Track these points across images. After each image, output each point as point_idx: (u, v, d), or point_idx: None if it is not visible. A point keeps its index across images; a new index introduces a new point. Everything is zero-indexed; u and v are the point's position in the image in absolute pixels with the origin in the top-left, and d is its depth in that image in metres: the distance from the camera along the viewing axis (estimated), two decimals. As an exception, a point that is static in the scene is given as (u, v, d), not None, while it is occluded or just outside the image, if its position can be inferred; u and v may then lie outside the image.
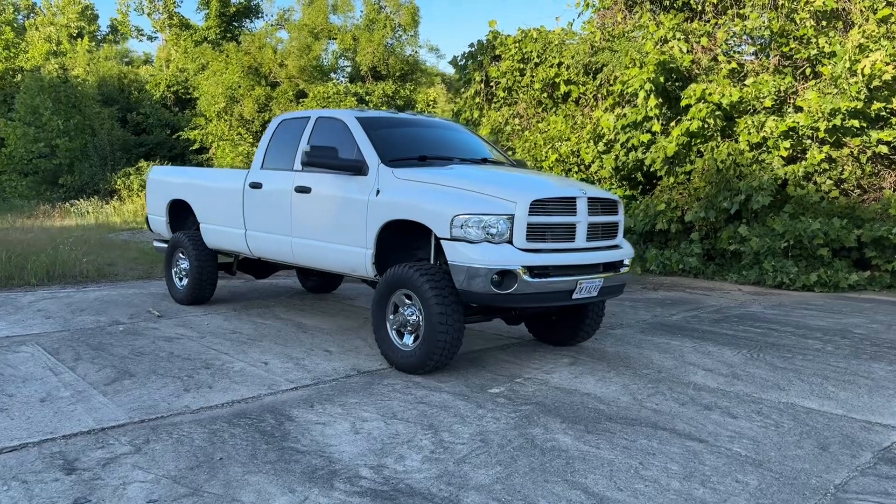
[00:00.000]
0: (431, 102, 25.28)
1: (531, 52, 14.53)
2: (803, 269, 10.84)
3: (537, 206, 5.23)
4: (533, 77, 14.52)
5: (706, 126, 11.82)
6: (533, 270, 5.17)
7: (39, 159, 26.17)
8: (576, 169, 13.70)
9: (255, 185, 7.11)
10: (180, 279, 8.38)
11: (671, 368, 5.89)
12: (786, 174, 11.50)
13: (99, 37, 45.86)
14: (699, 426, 4.46)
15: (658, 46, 12.23)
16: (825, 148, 11.39)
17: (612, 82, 13.26)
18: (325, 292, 9.46)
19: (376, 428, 4.29)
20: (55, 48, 38.79)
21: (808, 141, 11.60)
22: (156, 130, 29.16)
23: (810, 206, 11.32)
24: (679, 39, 12.17)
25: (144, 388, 5.01)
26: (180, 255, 8.33)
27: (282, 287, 9.93)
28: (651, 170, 12.85)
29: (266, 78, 26.39)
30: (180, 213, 8.55)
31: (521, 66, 14.73)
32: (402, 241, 5.91)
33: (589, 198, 5.54)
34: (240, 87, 25.55)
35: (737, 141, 12.00)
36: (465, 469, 3.71)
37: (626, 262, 5.94)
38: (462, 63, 15.85)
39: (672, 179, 12.63)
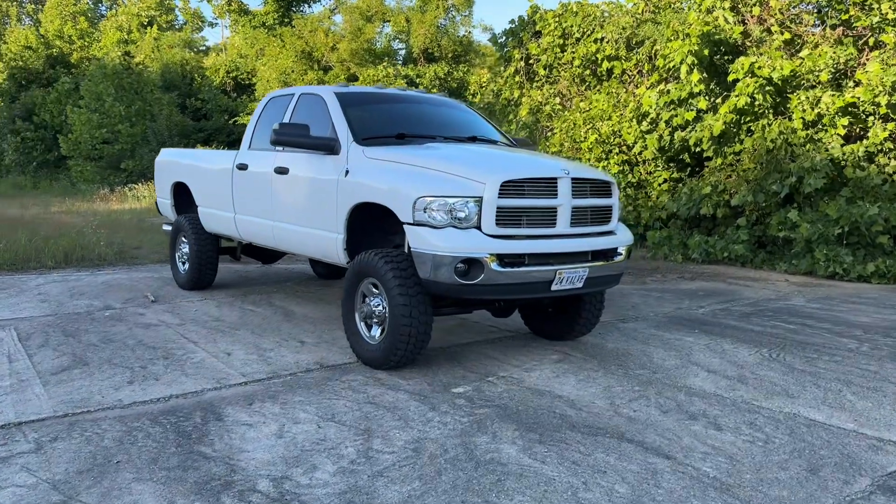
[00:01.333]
0: (485, 84, 24.64)
1: (571, 26, 13.80)
2: (860, 258, 9.87)
3: (509, 188, 4.71)
4: (573, 53, 13.79)
5: (755, 102, 10.90)
6: (503, 259, 4.67)
7: (103, 145, 26.85)
8: (616, 150, 12.95)
9: (242, 167, 6.81)
10: (183, 263, 8.19)
11: (670, 369, 5.29)
12: (844, 154, 10.50)
13: (176, 26, 46.92)
14: (673, 439, 3.89)
15: (702, 16, 11.34)
16: (889, 125, 10.33)
17: (654, 57, 12.43)
18: (336, 279, 9.12)
19: (304, 432, 3.89)
20: (126, 37, 39.88)
21: (871, 118, 10.56)
22: (215, 116, 29.54)
23: (871, 189, 10.30)
24: (724, 9, 11.24)
25: (90, 379, 4.76)
26: (182, 238, 8.13)
27: (294, 272, 9.66)
28: (697, 150, 12.00)
29: (319, 62, 26.30)
30: (185, 196, 8.34)
31: (562, 41, 14.02)
32: (378, 226, 5.48)
33: (573, 179, 4.97)
34: (293, 71, 25.55)
35: (790, 118, 11.04)
36: (377, 485, 3.27)
37: (621, 250, 5.34)
38: (502, 41, 15.24)
39: (720, 160, 11.76)
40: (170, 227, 8.64)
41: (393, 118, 6.12)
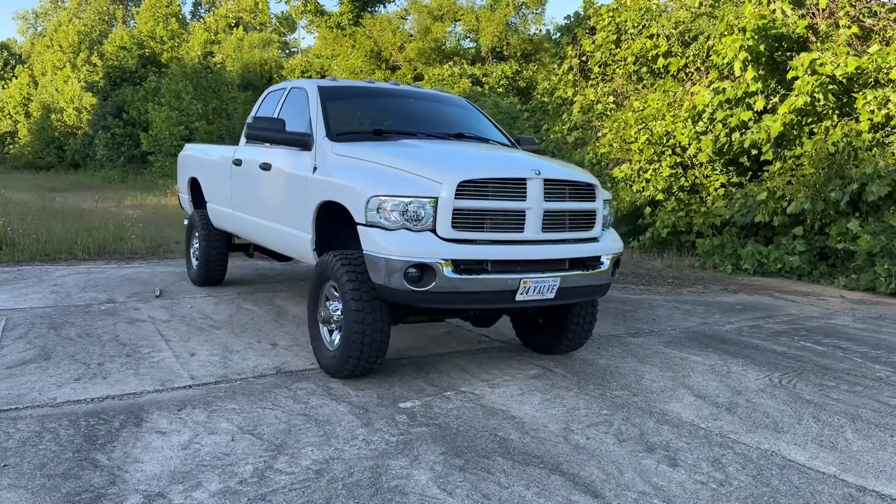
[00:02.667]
0: (539, 82, 24.04)
1: (625, 21, 13.15)
2: (928, 274, 8.92)
3: (469, 188, 4.34)
4: (628, 50, 13.14)
5: (817, 102, 10.05)
6: (459, 265, 4.30)
7: (182, 142, 27.72)
8: (669, 152, 12.24)
9: (237, 163, 6.68)
10: (196, 259, 8.16)
11: (656, 391, 4.79)
12: (916, 160, 9.53)
13: (269, 27, 48.26)
14: (613, 474, 3.44)
15: (759, 9, 10.53)
16: (970, 128, 9.32)
17: (708, 53, 11.67)
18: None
19: (214, 444, 3.65)
20: (213, 37, 41.23)
21: (949, 120, 9.56)
22: (288, 114, 29.97)
23: (945, 198, 9.31)
24: (784, 0, 10.40)
25: (41, 374, 4.68)
26: (196, 234, 8.10)
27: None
28: (755, 153, 11.19)
29: (387, 62, 26.31)
30: (200, 191, 8.31)
31: (616, 37, 13.38)
32: (347, 226, 5.19)
33: (546, 180, 4.55)
34: (362, 71, 25.66)
35: (857, 120, 10.13)
36: (252, 508, 2.99)
37: (604, 258, 4.87)
38: (556, 37, 14.72)
39: (779, 164, 10.92)
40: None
41: (376, 114, 5.85)
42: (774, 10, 10.45)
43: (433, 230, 4.33)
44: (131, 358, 5.14)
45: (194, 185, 8.30)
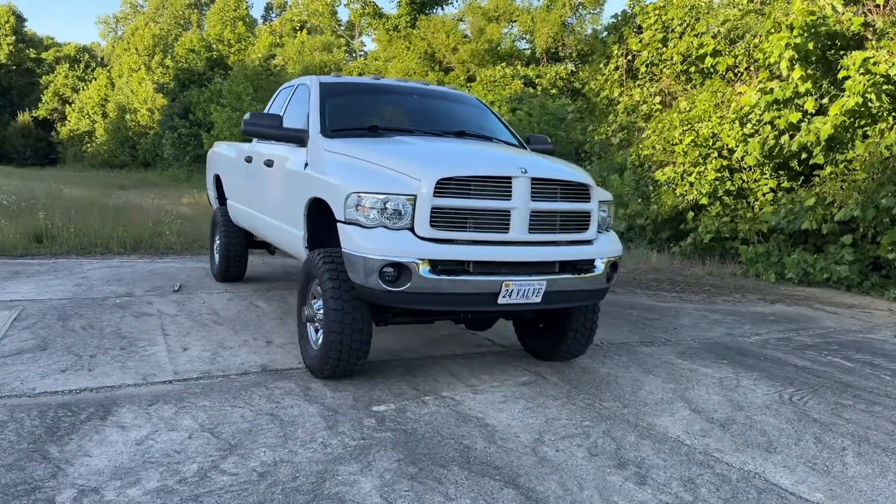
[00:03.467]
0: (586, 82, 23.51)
1: (672, 19, 12.71)
2: None
3: (449, 186, 4.19)
4: (674, 49, 12.71)
5: (870, 103, 9.48)
6: (437, 265, 4.16)
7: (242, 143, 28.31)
8: (715, 154, 11.76)
9: (248, 159, 6.69)
10: (218, 255, 8.23)
11: (649, 403, 4.53)
12: (978, 165, 8.89)
13: (339, 31, 49.05)
14: (571, 490, 3.24)
15: (807, 6, 10.00)
16: None
17: (753, 52, 11.16)
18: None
19: (169, 441, 3.60)
20: (278, 40, 42.08)
21: None
22: (345, 116, 30.32)
23: None
24: (836, -5, 9.86)
25: (30, 364, 4.74)
26: (217, 230, 8.16)
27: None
28: (805, 157, 10.65)
29: (440, 63, 26.25)
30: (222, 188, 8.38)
31: (663, 36, 12.96)
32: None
33: (534, 178, 4.35)
34: (415, 72, 25.70)
35: (915, 122, 9.51)
36: (180, 509, 2.92)
37: (599, 262, 4.64)
38: (603, 37, 14.37)
39: (830, 169, 10.36)
40: (217, 220, 8.73)
41: (374, 110, 5.75)
42: (824, 7, 9.90)
43: (412, 229, 4.20)
44: (125, 351, 5.17)
45: (218, 182, 8.38)
